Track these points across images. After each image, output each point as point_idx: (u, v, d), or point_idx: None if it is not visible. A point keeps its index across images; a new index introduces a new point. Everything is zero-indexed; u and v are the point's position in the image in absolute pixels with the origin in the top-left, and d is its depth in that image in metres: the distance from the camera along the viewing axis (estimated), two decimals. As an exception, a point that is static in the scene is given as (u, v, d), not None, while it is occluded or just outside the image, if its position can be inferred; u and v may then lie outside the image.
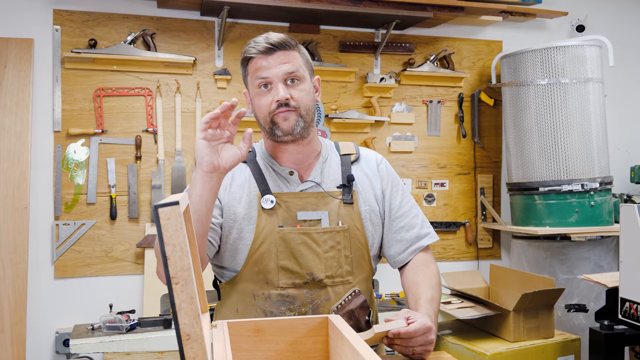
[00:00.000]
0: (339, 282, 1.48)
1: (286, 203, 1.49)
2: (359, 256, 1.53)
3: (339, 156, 1.60)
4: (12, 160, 2.86)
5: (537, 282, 2.42)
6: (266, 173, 1.54)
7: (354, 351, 0.96)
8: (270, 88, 1.46)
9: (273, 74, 1.45)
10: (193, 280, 0.79)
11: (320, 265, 1.47)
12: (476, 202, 3.67)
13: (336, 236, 1.49)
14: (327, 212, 1.50)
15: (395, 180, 1.63)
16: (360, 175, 1.58)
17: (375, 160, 1.63)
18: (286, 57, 1.46)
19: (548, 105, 3.17)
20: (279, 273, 1.46)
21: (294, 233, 1.47)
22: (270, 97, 1.46)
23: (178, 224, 0.79)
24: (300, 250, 1.46)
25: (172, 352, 2.58)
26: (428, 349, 1.32)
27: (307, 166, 1.56)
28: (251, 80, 1.49)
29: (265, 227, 1.47)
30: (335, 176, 1.56)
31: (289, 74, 1.46)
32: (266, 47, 1.45)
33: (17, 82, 2.89)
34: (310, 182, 1.53)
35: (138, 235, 3.07)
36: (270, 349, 1.17)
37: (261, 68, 1.45)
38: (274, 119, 1.46)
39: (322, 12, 3.10)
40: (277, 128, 1.47)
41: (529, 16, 3.64)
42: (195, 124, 3.16)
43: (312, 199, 1.51)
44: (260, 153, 1.58)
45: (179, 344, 0.79)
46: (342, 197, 1.52)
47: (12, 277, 2.79)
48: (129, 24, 3.07)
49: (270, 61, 1.45)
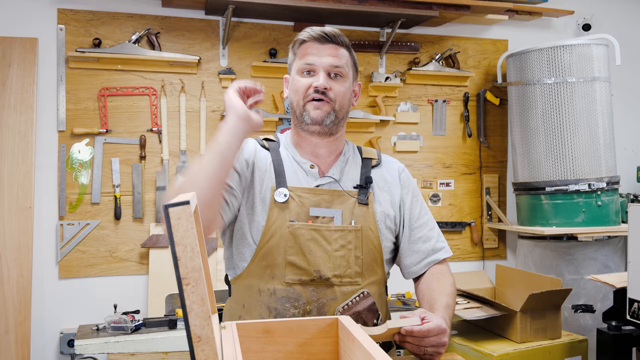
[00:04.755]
0: (347, 282, 1.47)
1: (300, 198, 1.48)
2: (371, 258, 1.51)
3: (360, 158, 1.61)
4: (16, 160, 2.85)
5: (544, 282, 2.41)
6: (286, 163, 1.54)
7: (365, 353, 0.95)
8: (312, 75, 1.49)
9: (319, 62, 1.48)
10: (204, 281, 0.78)
11: (329, 264, 1.45)
12: (482, 202, 3.66)
13: (347, 235, 1.47)
14: (341, 211, 1.49)
15: (416, 190, 1.64)
16: (379, 180, 1.58)
17: (397, 168, 1.64)
18: (336, 51, 1.50)
19: (554, 104, 3.16)
20: (286, 268, 1.44)
21: (304, 229, 1.45)
22: (309, 81, 1.48)
23: (189, 224, 0.78)
24: (309, 246, 1.45)
25: (177, 352, 2.57)
26: (440, 350, 1.30)
27: (328, 162, 1.56)
28: (297, 63, 1.52)
29: (276, 221, 1.46)
30: (353, 176, 1.56)
31: (334, 67, 1.49)
32: (320, 35, 1.49)
33: (22, 81, 2.89)
34: (329, 178, 1.53)
35: (142, 235, 3.06)
36: (279, 350, 1.15)
37: (309, 54, 1.49)
38: (306, 106, 1.49)
39: (327, 11, 3.09)
40: (307, 115, 1.48)
41: (535, 15, 3.62)
42: (200, 124, 3.15)
43: (327, 196, 1.50)
44: (285, 143, 1.59)
45: (190, 346, 0.78)
46: (357, 197, 1.51)
47: (16, 277, 2.78)
48: (134, 23, 3.06)
49: (320, 50, 1.49)
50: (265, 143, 1.58)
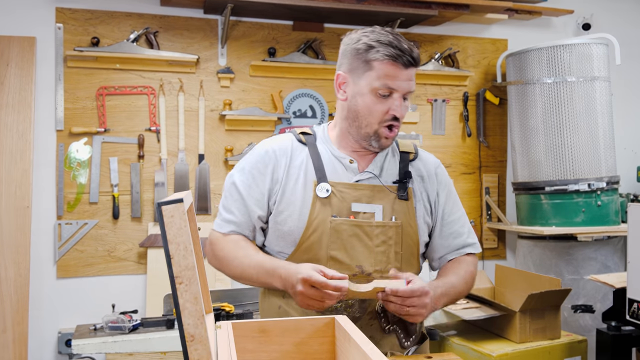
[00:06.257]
0: (387, 277, 1.46)
1: (341, 193, 1.48)
2: (409, 253, 1.52)
3: (398, 153, 1.60)
4: (14, 159, 2.85)
5: (543, 282, 2.40)
6: (325, 157, 1.53)
7: (361, 353, 0.94)
8: (388, 97, 1.45)
9: (400, 88, 1.45)
10: (197, 280, 0.77)
11: (370, 259, 1.47)
12: (481, 202, 3.65)
13: (388, 231, 1.48)
14: (382, 206, 1.49)
15: (451, 186, 1.64)
16: (417, 174, 1.58)
17: (433, 163, 1.63)
18: (413, 75, 1.47)
19: (554, 103, 3.15)
20: (328, 263, 1.45)
21: (346, 224, 1.46)
22: (386, 107, 1.45)
23: (182, 222, 0.77)
24: (352, 242, 1.46)
25: (174, 352, 2.56)
26: (421, 312, 1.35)
27: (368, 158, 1.55)
28: (373, 80, 1.44)
29: (318, 216, 1.46)
30: (392, 171, 1.56)
31: (409, 93, 1.48)
32: (405, 60, 1.43)
33: (20, 80, 2.88)
34: (368, 174, 1.52)
35: (141, 234, 3.05)
36: (275, 350, 1.14)
37: (392, 77, 1.43)
38: (379, 131, 1.47)
39: (326, 10, 3.08)
40: (376, 141, 1.48)
41: (535, 14, 3.61)
42: (199, 123, 3.14)
43: (368, 191, 1.50)
44: (322, 137, 1.58)
45: (183, 345, 0.77)
46: (397, 192, 1.52)
47: (14, 276, 2.77)
48: (132, 22, 3.05)
49: (403, 74, 1.44)
50: (302, 137, 1.57)
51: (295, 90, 3.30)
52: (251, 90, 3.24)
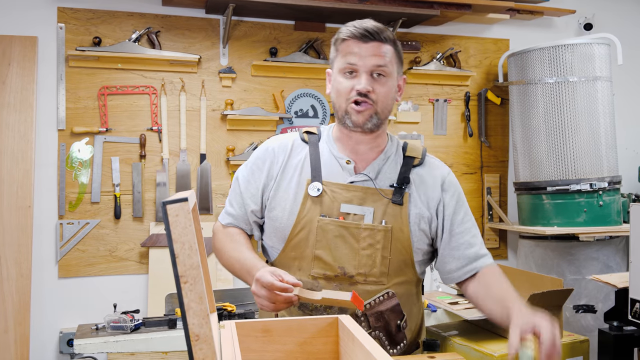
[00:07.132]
0: (371, 281, 1.45)
1: (333, 193, 1.48)
2: (399, 259, 1.48)
3: (402, 157, 1.56)
4: (16, 159, 2.84)
5: (545, 282, 2.39)
6: (324, 157, 1.53)
7: (365, 352, 0.94)
8: (354, 75, 1.45)
9: (361, 63, 1.43)
10: (202, 280, 0.77)
11: (354, 262, 1.45)
12: (483, 202, 3.65)
13: (376, 235, 1.45)
14: (372, 209, 1.47)
15: (461, 196, 1.58)
16: (418, 180, 1.53)
17: (441, 171, 1.58)
18: (379, 50, 1.44)
19: (556, 103, 3.14)
20: (313, 262, 1.45)
21: (333, 224, 1.45)
22: (351, 84, 1.45)
23: (187, 221, 0.77)
24: (337, 243, 1.45)
25: (176, 352, 2.56)
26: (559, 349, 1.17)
27: (367, 160, 1.54)
28: (338, 61, 1.48)
29: (307, 214, 1.47)
30: (391, 175, 1.52)
31: (377, 67, 1.44)
32: (362, 34, 1.43)
33: (21, 80, 2.88)
34: (363, 176, 1.50)
35: (142, 234, 3.05)
36: (279, 350, 1.14)
37: (351, 53, 1.44)
38: (348, 109, 1.46)
39: (327, 9, 3.08)
40: (349, 118, 1.46)
41: (536, 14, 3.61)
42: (200, 123, 3.14)
43: (360, 193, 1.48)
44: (326, 137, 1.58)
45: (188, 345, 0.77)
46: (392, 196, 1.48)
47: (15, 276, 2.77)
48: (134, 21, 3.05)
49: (362, 49, 1.43)
50: (305, 136, 1.58)
51: (296, 90, 3.30)
52: (253, 90, 3.24)
